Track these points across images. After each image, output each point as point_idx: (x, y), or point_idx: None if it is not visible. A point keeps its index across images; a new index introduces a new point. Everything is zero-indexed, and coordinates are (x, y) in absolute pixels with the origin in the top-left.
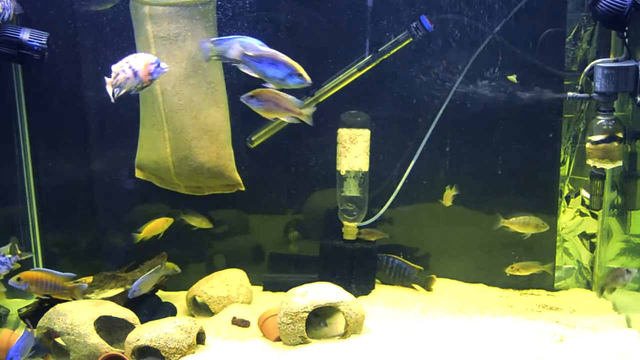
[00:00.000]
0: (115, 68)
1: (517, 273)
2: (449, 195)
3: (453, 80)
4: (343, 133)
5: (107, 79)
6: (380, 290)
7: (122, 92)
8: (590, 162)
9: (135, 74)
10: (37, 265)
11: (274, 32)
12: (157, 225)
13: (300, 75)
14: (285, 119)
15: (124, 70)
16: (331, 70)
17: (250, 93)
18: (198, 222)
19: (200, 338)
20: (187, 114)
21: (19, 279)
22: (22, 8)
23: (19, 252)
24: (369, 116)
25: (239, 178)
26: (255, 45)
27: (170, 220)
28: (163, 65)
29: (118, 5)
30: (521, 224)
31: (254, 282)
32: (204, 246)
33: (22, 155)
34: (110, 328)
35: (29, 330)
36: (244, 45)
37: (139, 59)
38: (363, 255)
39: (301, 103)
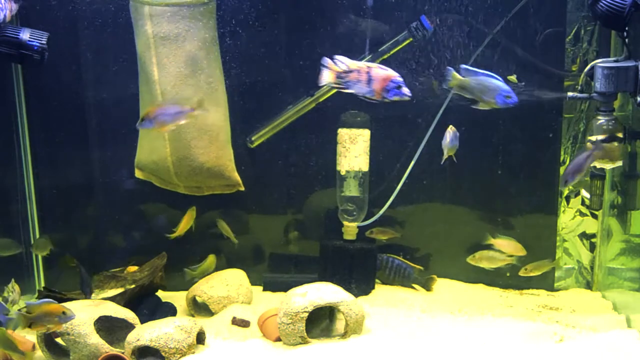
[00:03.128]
0: (351, 65)
1: (531, 274)
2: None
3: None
4: (343, 133)
5: (328, 61)
6: (380, 290)
7: (346, 90)
8: None
9: (369, 81)
10: (37, 265)
11: (274, 33)
12: (186, 221)
13: None
14: (183, 121)
15: (360, 72)
16: None
17: (141, 117)
18: (228, 232)
19: (200, 338)
20: None
21: None
22: (21, 8)
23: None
24: (369, 116)
25: (238, 178)
26: None
27: (194, 209)
28: (405, 90)
29: (118, 5)
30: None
31: (254, 282)
32: (204, 246)
33: (22, 155)
34: (110, 328)
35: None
36: None
37: (383, 71)
38: (363, 255)
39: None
